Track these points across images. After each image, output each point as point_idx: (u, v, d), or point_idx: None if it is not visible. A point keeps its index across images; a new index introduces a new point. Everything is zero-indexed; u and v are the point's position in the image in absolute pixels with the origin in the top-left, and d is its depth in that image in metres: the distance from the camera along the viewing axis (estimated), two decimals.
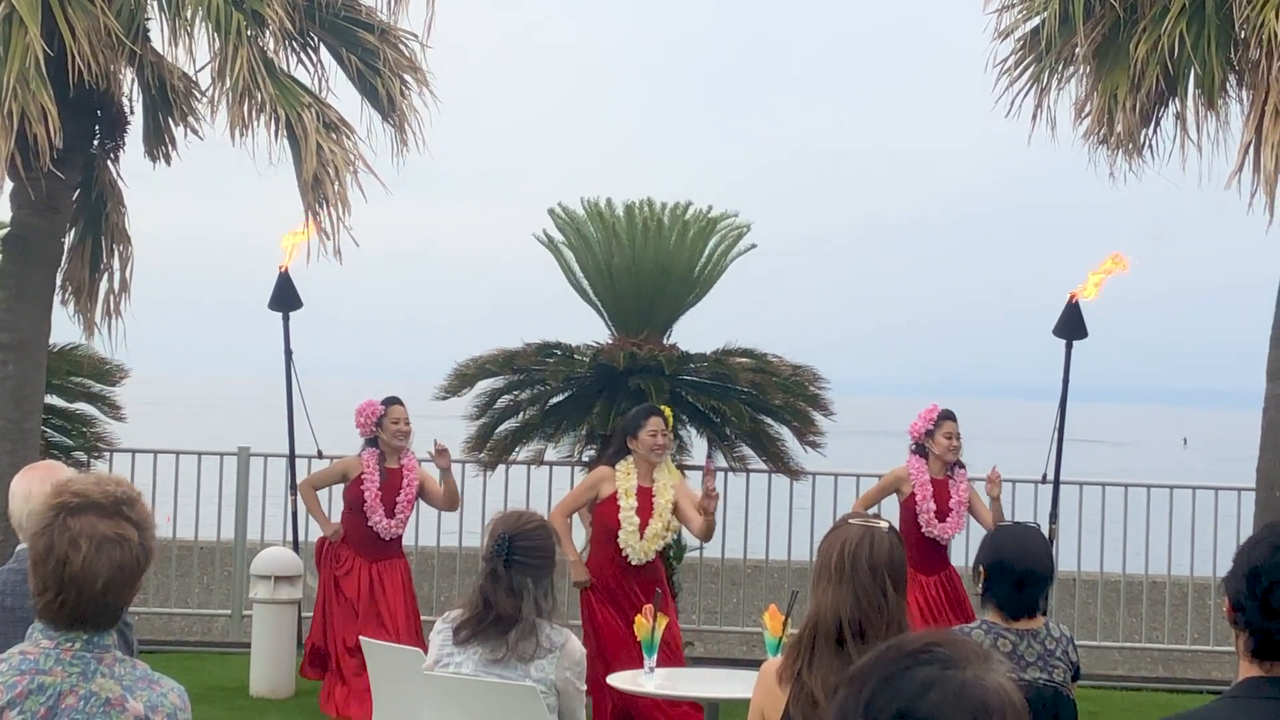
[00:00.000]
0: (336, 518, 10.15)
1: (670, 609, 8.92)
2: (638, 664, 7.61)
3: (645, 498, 9.03)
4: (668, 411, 9.34)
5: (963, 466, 9.78)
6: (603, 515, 9.11)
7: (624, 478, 9.08)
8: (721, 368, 11.16)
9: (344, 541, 9.93)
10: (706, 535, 9.24)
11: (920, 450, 9.78)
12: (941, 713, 1.96)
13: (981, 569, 5.26)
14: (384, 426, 9.90)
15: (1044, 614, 5.35)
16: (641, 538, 8.98)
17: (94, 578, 3.19)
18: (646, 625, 7.35)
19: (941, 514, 9.60)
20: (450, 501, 10.09)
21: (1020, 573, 5.20)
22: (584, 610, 9.26)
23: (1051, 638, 5.24)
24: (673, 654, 8.74)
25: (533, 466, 11.61)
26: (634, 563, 9.00)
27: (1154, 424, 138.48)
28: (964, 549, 10.38)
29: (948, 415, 9.77)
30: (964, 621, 8.42)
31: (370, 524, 9.81)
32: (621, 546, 9.00)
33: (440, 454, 9.78)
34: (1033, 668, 5.16)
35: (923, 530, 9.57)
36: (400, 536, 10.05)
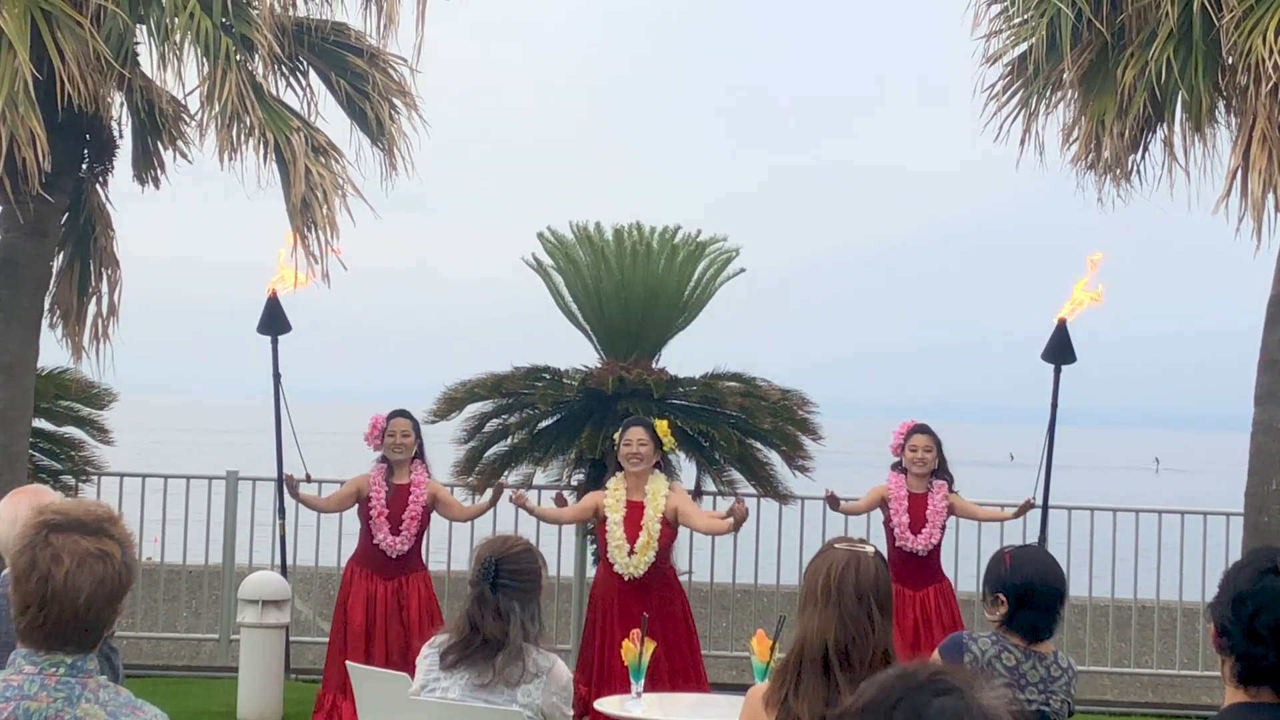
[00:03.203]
0: (355, 534, 9.97)
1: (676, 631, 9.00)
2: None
3: (636, 511, 9.02)
4: (663, 424, 9.26)
5: (944, 478, 9.89)
6: (599, 534, 9.14)
7: (613, 493, 9.09)
8: (710, 392, 11.16)
9: (358, 562, 9.73)
10: (710, 532, 9.45)
11: (900, 466, 9.96)
12: None
13: (1002, 596, 5.12)
14: (384, 440, 9.83)
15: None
16: (631, 552, 8.97)
17: (76, 593, 3.18)
18: (634, 649, 7.32)
19: (916, 526, 9.73)
20: (467, 517, 10.10)
21: (1049, 595, 5.14)
22: (586, 629, 9.28)
23: (1058, 666, 5.17)
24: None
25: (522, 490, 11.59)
26: (624, 577, 8.98)
27: (1125, 447, 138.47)
28: (953, 562, 10.53)
29: (917, 429, 9.96)
30: None
31: (375, 541, 9.62)
32: (610, 561, 9.01)
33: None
34: (1032, 689, 5.09)
35: (897, 543, 9.68)
36: (412, 551, 9.71)
